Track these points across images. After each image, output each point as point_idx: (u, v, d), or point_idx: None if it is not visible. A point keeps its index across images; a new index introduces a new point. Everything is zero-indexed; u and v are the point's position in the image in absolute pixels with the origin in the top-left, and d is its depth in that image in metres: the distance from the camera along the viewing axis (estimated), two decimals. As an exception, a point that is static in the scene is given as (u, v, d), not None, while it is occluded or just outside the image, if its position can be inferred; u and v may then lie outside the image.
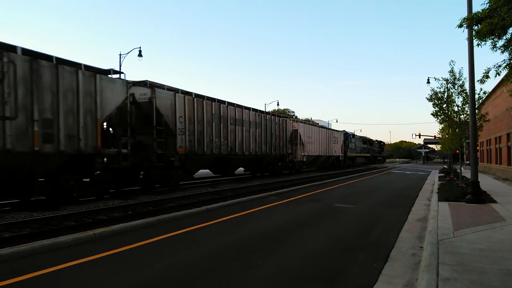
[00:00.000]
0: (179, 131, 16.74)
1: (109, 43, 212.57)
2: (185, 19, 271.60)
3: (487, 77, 7.83)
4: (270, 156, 26.12)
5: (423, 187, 20.91)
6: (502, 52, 7.50)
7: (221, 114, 20.06)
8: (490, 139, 33.08)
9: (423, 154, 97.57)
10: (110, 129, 13.99)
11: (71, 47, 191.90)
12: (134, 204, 12.39)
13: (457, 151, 24.49)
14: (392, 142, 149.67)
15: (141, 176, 15.63)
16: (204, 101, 18.87)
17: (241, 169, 26.96)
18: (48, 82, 11.13)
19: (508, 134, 25.35)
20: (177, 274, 5.56)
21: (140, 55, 30.15)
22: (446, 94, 17.58)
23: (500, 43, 7.38)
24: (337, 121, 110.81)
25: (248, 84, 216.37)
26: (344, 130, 47.39)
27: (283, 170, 29.03)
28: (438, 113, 18.17)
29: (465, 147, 23.12)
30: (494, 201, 12.71)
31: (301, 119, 33.63)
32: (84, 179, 12.73)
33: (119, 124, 13.83)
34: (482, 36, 7.08)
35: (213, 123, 19.28)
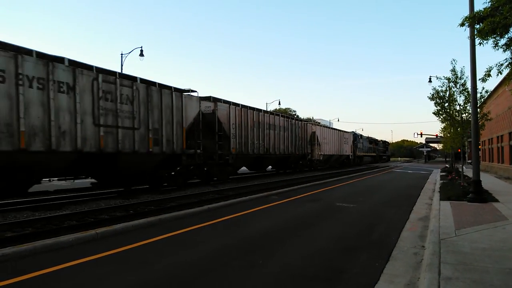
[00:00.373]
0: (232, 136, 21.01)
1: (109, 43, 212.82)
2: (185, 19, 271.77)
3: (489, 75, 7.81)
4: (294, 155, 30.07)
5: (424, 186, 20.88)
6: (504, 51, 7.47)
7: (259, 121, 24.27)
8: (492, 138, 33.01)
9: (424, 153, 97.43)
10: (189, 135, 17.54)
11: (71, 47, 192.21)
12: (135, 204, 12.41)
13: (459, 150, 24.46)
14: (394, 141, 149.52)
15: (205, 170, 19.37)
16: (248, 110, 23.15)
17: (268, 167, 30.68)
18: (156, 102, 15.26)
19: (510, 133, 25.28)
20: (179, 274, 5.56)
21: (141, 54, 30.17)
22: (448, 93, 17.53)
23: (502, 41, 7.36)
24: (338, 120, 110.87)
25: (249, 84, 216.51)
26: (353, 131, 50.05)
27: (304, 167, 33.19)
28: (440, 112, 18.11)
29: (466, 146, 23.05)
30: (496, 200, 12.68)
31: (318, 123, 38.50)
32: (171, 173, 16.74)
33: (194, 131, 17.63)
34: (484, 35, 7.06)
35: (254, 128, 23.54)
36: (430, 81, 32.81)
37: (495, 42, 7.35)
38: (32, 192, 12.85)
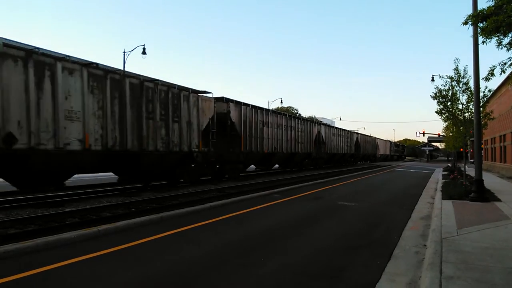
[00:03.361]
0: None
1: (106, 40, 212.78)
2: (186, 17, 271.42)
3: (492, 74, 7.77)
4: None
5: (426, 185, 20.84)
6: (508, 49, 7.42)
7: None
8: (494, 137, 32.89)
9: (427, 152, 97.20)
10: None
11: (68, 43, 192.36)
12: (137, 201, 12.43)
13: (461, 149, 24.39)
14: (396, 140, 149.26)
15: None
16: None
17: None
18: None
19: (513, 132, 25.19)
20: (180, 271, 5.58)
21: (144, 52, 30.17)
22: (450, 92, 17.46)
23: (506, 40, 7.30)
24: (340, 119, 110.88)
25: (250, 81, 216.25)
26: (389, 140, 58.77)
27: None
28: (443, 111, 18.03)
29: (469, 145, 22.97)
30: (498, 200, 12.65)
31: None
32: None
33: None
34: (488, 33, 7.01)
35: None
36: (432, 80, 32.67)
37: (498, 41, 7.30)
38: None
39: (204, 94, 18.47)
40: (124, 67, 30.10)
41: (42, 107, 10.80)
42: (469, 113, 16.85)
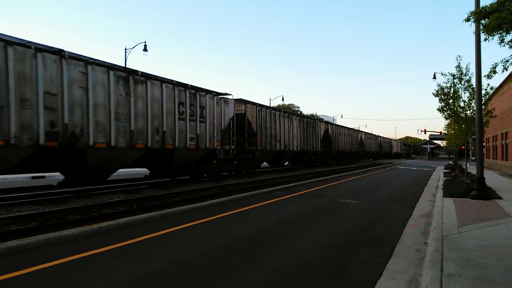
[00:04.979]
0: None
1: (103, 37, 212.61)
2: (186, 14, 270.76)
3: (494, 72, 7.74)
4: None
5: (428, 183, 20.81)
6: (510, 47, 7.40)
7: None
8: (496, 135, 32.83)
9: (428, 150, 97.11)
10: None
11: (67, 40, 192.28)
12: (139, 198, 12.46)
13: (463, 147, 24.35)
14: (397, 138, 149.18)
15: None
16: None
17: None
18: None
19: (514, 130, 25.13)
20: (182, 268, 5.59)
21: (145, 49, 30.17)
22: (452, 89, 17.43)
23: (508, 37, 7.28)
24: (342, 116, 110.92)
25: (252, 78, 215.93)
26: (400, 140, 65.07)
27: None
28: (444, 109, 18.02)
29: (471, 143, 22.95)
30: (500, 198, 12.64)
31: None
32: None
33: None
34: (490, 30, 6.99)
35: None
36: (434, 77, 32.58)
37: (501, 38, 7.28)
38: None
39: (226, 96, 20.20)
40: (125, 64, 30.11)
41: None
42: (471, 111, 16.83)
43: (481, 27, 7.38)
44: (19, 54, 10.40)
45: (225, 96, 20.24)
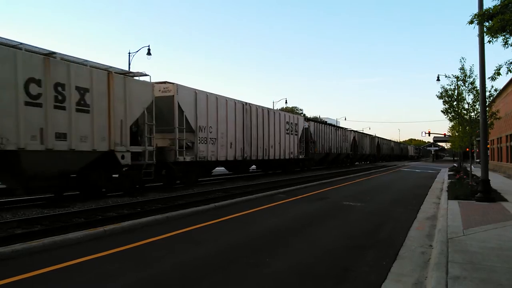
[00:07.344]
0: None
1: (105, 41, 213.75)
2: (187, 15, 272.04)
3: (499, 74, 7.72)
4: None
5: (432, 185, 20.73)
6: (514, 49, 7.37)
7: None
8: (501, 137, 32.65)
9: (432, 152, 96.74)
10: None
11: (69, 43, 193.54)
12: (143, 202, 12.47)
13: (467, 149, 24.24)
14: (401, 140, 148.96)
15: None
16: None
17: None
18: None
19: (519, 132, 24.99)
20: (186, 271, 5.59)
21: (149, 53, 30.28)
22: (456, 91, 17.37)
23: (512, 40, 7.26)
24: (345, 119, 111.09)
25: (255, 81, 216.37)
26: (414, 146, 76.27)
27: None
28: (448, 111, 17.94)
29: (475, 145, 22.85)
30: (505, 200, 12.57)
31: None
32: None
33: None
34: (493, 32, 6.97)
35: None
36: (438, 79, 32.54)
37: (504, 40, 7.25)
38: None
39: (300, 115, 24.94)
40: (129, 67, 30.25)
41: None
42: (475, 113, 16.76)
43: (485, 29, 7.36)
44: None
45: (300, 115, 26.07)
